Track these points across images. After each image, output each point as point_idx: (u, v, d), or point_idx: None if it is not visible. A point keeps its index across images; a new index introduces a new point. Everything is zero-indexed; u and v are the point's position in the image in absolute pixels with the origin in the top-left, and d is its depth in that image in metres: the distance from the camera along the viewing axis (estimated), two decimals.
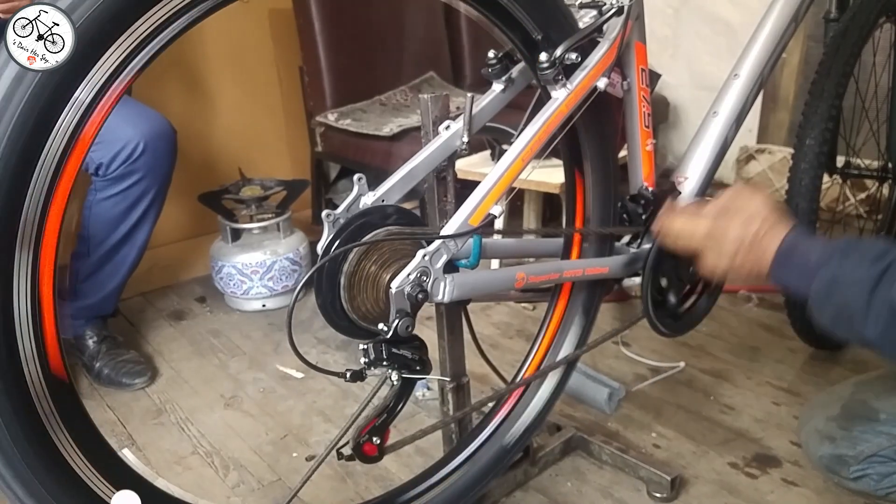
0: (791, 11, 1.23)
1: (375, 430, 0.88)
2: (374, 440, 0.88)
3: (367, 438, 0.87)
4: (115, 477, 0.72)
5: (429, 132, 1.00)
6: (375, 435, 0.88)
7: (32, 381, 0.62)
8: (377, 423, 0.88)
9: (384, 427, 0.88)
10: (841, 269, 0.77)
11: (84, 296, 1.75)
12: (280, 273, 2.09)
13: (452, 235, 0.85)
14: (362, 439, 0.87)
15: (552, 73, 0.92)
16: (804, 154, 1.40)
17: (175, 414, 1.63)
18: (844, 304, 0.76)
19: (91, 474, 0.69)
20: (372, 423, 0.87)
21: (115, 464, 0.73)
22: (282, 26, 2.51)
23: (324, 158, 2.60)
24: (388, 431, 0.90)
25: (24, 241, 0.59)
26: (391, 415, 0.89)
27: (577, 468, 1.37)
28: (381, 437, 0.88)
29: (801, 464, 1.33)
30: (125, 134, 1.60)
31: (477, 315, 1.93)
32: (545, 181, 1.95)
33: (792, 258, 0.82)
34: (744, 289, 2.01)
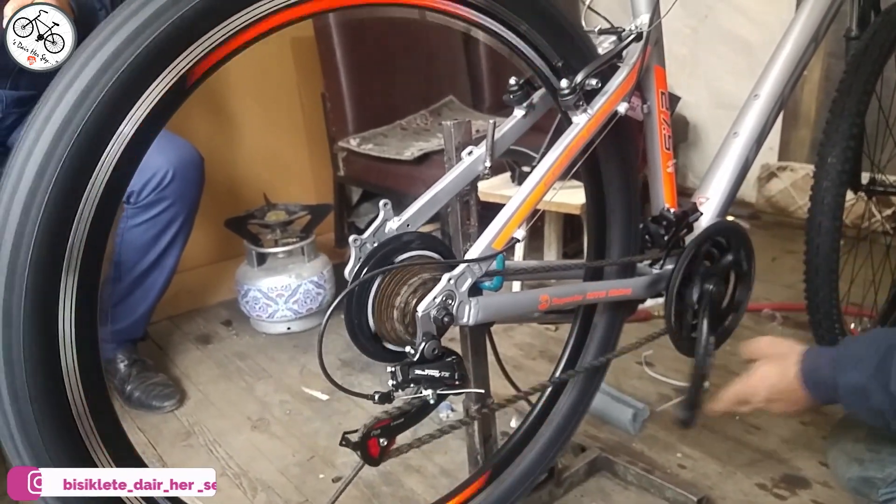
0: (811, 31, 1.24)
1: (388, 430, 0.85)
2: (381, 441, 0.85)
3: (377, 433, 0.85)
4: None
5: (452, 158, 1.02)
6: (385, 436, 0.85)
7: (75, 401, 0.64)
8: (391, 424, 0.86)
9: (396, 431, 0.86)
10: (846, 380, 0.84)
11: (115, 320, 1.79)
12: (305, 296, 2.12)
13: (477, 259, 0.86)
14: (373, 433, 0.84)
15: (573, 99, 0.93)
16: (826, 172, 1.39)
17: (203, 436, 1.65)
18: (874, 411, 0.82)
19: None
20: (387, 422, 0.85)
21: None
22: (304, 54, 2.56)
23: (346, 183, 2.63)
24: (395, 439, 0.87)
25: (70, 266, 0.62)
26: (408, 422, 0.87)
27: (602, 489, 1.37)
28: (389, 440, 0.86)
29: (831, 485, 1.32)
30: (155, 162, 1.64)
31: (500, 336, 1.93)
32: (566, 202, 1.96)
33: (817, 383, 0.89)
34: (768, 307, 2.00)
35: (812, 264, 1.43)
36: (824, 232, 1.39)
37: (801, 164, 2.76)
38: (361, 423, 0.84)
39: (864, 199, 1.77)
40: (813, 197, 1.42)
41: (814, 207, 1.41)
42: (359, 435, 0.83)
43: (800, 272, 1.44)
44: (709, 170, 1.21)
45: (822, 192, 1.39)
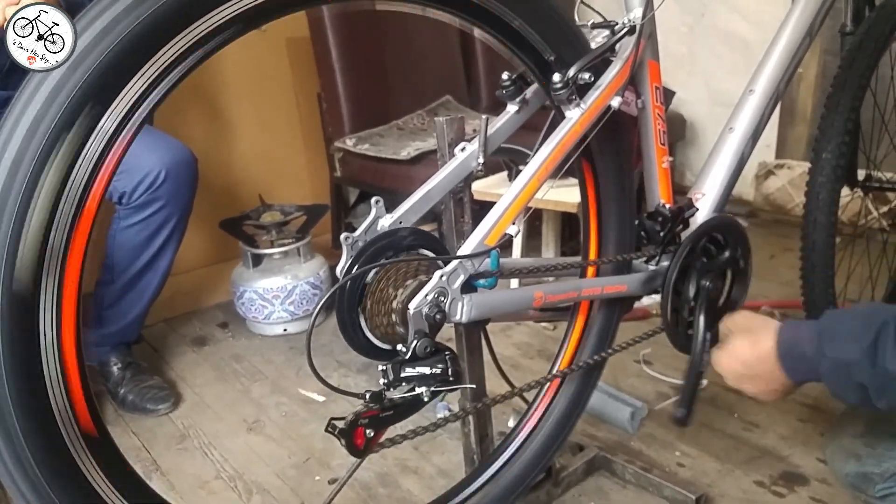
0: (805, 26, 1.23)
1: (376, 421, 0.83)
2: (367, 431, 0.83)
3: (365, 423, 0.82)
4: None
5: (444, 154, 1.01)
6: (372, 427, 0.83)
7: (58, 405, 0.63)
8: (380, 416, 0.83)
9: (384, 423, 0.84)
10: (835, 354, 0.81)
11: (108, 323, 1.78)
12: (301, 297, 2.11)
13: (469, 255, 0.85)
14: (360, 422, 0.82)
15: (565, 94, 0.92)
16: (821, 168, 1.39)
17: (198, 439, 1.64)
18: (856, 387, 0.79)
19: (115, 498, 0.70)
20: (376, 412, 0.83)
21: (140, 488, 0.73)
22: (299, 54, 2.55)
23: (343, 183, 2.63)
24: (383, 431, 0.85)
25: (50, 268, 0.60)
26: (397, 415, 0.85)
27: (600, 488, 1.36)
28: (376, 432, 0.83)
29: (830, 482, 1.31)
30: (147, 162, 1.63)
31: (497, 335, 1.93)
32: (563, 201, 1.96)
33: (795, 358, 0.86)
34: (766, 304, 1.99)
35: (808, 260, 1.42)
36: (820, 228, 1.39)
37: (799, 161, 2.76)
38: (350, 413, 0.82)
39: (860, 196, 1.76)
40: (808, 193, 1.41)
41: (809, 203, 1.41)
42: (345, 423, 0.81)
43: (798, 270, 1.44)
44: (704, 165, 1.20)
45: (818, 188, 1.39)
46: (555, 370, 1.18)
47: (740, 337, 0.93)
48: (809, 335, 0.84)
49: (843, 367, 0.80)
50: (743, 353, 0.91)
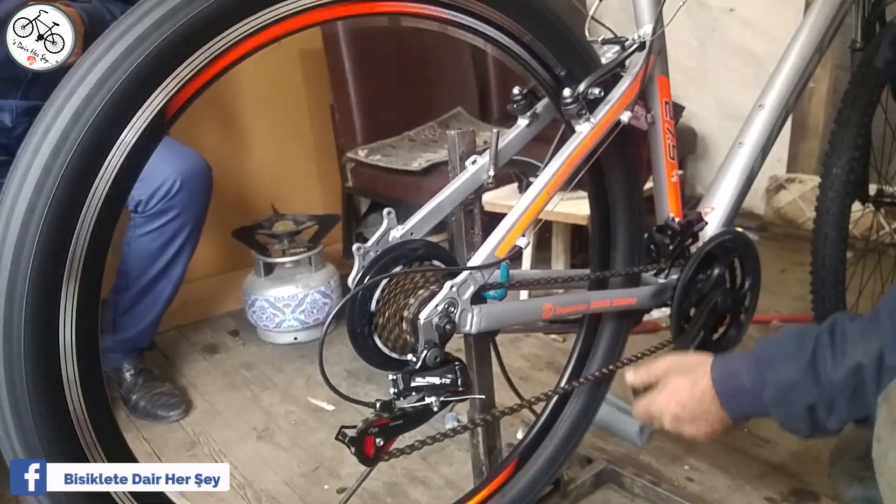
0: (815, 42, 1.24)
1: (386, 430, 0.84)
2: (377, 440, 0.83)
3: (375, 431, 0.83)
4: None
5: (456, 167, 1.02)
6: (382, 435, 0.83)
7: (75, 410, 0.65)
8: (390, 425, 0.84)
9: (394, 432, 0.84)
10: (776, 378, 0.78)
11: (122, 329, 1.80)
12: (311, 306, 2.12)
13: (479, 267, 0.86)
14: (370, 430, 0.82)
15: (576, 108, 0.93)
16: (831, 183, 1.39)
17: (209, 446, 1.65)
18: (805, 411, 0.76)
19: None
20: (386, 421, 0.84)
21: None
22: (312, 65, 2.58)
23: (354, 193, 2.64)
24: (392, 440, 0.85)
25: (71, 275, 0.62)
26: (407, 425, 0.85)
27: (608, 501, 1.35)
28: (386, 441, 0.84)
29: (840, 499, 1.30)
30: (163, 172, 1.65)
31: (506, 347, 1.94)
32: (573, 213, 1.97)
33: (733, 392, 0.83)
34: (776, 318, 1.99)
35: (818, 275, 1.42)
36: (830, 243, 1.39)
37: (810, 175, 2.75)
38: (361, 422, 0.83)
39: (872, 211, 1.76)
40: (818, 208, 1.41)
41: (819, 218, 1.41)
42: (356, 431, 0.82)
43: (808, 284, 1.44)
44: (714, 180, 1.21)
45: (828, 202, 1.39)
46: (563, 383, 1.19)
47: (676, 377, 0.89)
48: (746, 366, 0.82)
49: (788, 390, 0.77)
50: (681, 395, 0.87)
